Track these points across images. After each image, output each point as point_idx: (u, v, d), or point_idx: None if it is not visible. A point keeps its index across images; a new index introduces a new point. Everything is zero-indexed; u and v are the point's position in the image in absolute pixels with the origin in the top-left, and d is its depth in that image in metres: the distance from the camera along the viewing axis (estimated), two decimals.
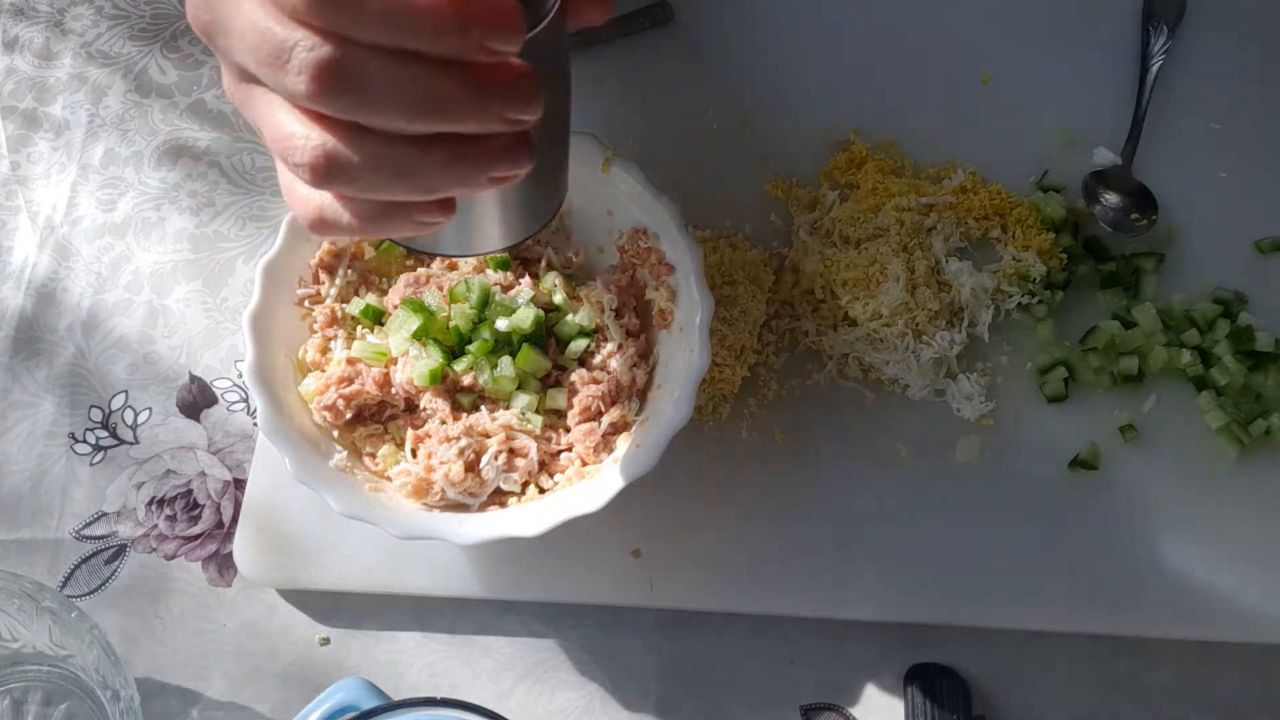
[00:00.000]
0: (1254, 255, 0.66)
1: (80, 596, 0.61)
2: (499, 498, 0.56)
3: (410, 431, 0.57)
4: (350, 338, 0.59)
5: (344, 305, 0.60)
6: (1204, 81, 0.70)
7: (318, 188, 0.36)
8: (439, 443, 0.55)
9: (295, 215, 0.39)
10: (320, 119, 0.35)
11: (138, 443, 0.65)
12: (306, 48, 0.32)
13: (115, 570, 0.62)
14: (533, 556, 0.59)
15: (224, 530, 0.62)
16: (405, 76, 0.33)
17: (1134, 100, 0.69)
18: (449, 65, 0.33)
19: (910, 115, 0.70)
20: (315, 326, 0.59)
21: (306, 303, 0.59)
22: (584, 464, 0.56)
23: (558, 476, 0.56)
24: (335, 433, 0.57)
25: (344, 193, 0.37)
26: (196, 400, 0.66)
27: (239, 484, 0.63)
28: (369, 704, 0.48)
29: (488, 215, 0.44)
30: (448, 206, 0.38)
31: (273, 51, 0.33)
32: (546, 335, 0.59)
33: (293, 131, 0.35)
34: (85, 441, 0.65)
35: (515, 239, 0.46)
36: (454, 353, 0.58)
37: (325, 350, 0.59)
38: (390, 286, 0.61)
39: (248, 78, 0.36)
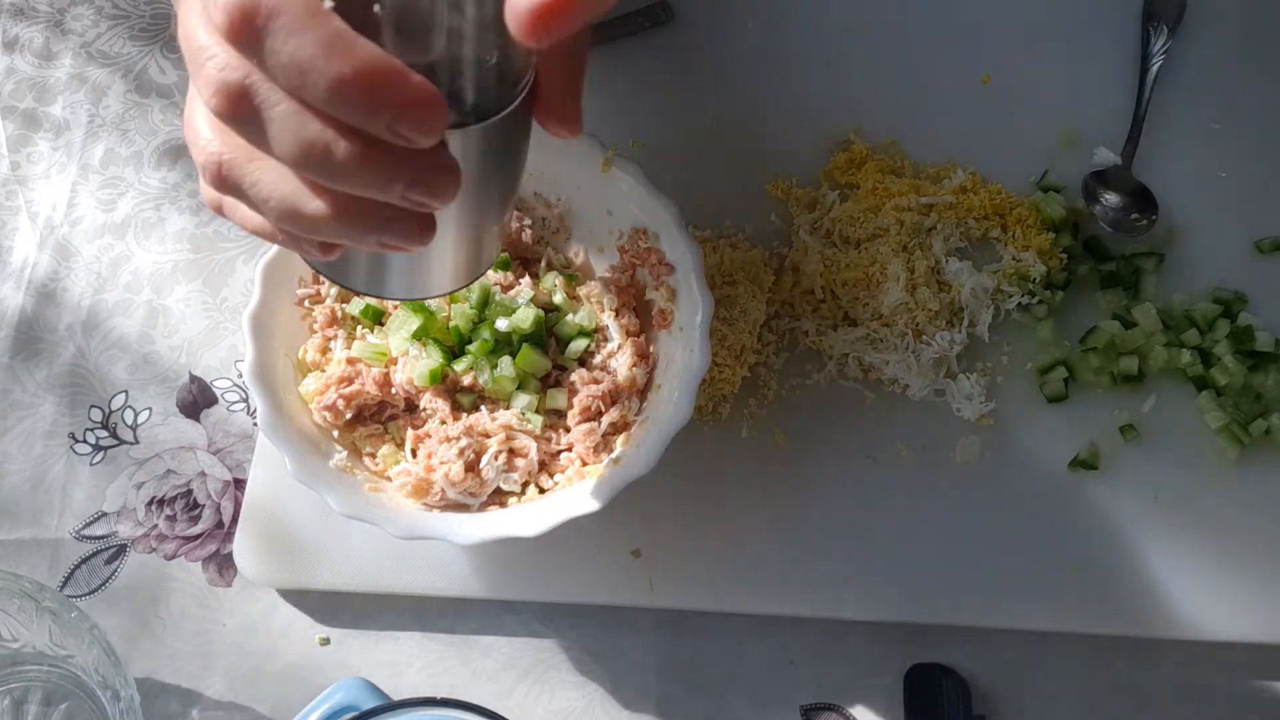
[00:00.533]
0: (1254, 255, 0.66)
1: (80, 596, 0.61)
2: (499, 498, 0.56)
3: (410, 431, 0.57)
4: (350, 338, 0.59)
5: (344, 305, 0.60)
6: (1204, 81, 0.70)
7: (214, 189, 0.36)
8: (439, 443, 0.55)
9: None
10: (225, 128, 0.34)
11: (138, 443, 0.65)
12: (217, 65, 0.32)
13: (115, 570, 0.62)
14: (533, 556, 0.59)
15: (224, 530, 0.62)
16: (307, 130, 0.32)
17: (1134, 100, 0.69)
18: (357, 131, 0.31)
19: (910, 115, 0.70)
20: (315, 326, 0.59)
21: (306, 303, 0.59)
22: (584, 464, 0.56)
23: (558, 476, 0.56)
24: (335, 433, 0.57)
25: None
26: (196, 400, 0.66)
27: (239, 484, 0.63)
28: (369, 704, 0.48)
29: (396, 264, 0.41)
30: (332, 249, 0.37)
31: (191, 55, 0.33)
32: (546, 335, 0.59)
33: (198, 129, 0.35)
34: (85, 441, 0.65)
35: (420, 294, 0.43)
36: (454, 353, 0.58)
37: (325, 350, 0.59)
38: None
39: None
